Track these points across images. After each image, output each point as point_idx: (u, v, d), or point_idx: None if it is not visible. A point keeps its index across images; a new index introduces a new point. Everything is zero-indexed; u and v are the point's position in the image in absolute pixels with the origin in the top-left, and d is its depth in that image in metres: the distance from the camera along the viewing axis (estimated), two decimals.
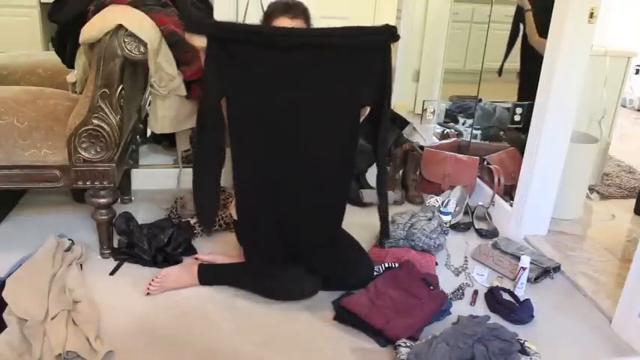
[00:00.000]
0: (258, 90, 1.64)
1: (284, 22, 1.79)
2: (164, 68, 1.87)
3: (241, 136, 1.69)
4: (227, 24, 1.63)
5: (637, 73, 4.79)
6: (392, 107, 3.19)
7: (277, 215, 1.77)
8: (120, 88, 1.82)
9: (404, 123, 3.06)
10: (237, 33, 1.59)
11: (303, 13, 1.84)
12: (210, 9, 2.36)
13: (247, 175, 1.74)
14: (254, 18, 2.25)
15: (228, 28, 1.63)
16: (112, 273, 1.95)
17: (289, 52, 1.59)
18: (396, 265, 1.96)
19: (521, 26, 2.82)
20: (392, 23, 1.65)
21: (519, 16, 2.84)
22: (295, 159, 1.70)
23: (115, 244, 2.07)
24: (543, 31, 2.27)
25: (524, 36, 2.80)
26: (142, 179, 2.58)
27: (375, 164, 2.82)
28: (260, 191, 1.75)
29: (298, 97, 1.65)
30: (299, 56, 1.60)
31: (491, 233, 2.40)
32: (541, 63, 2.21)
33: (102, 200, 1.94)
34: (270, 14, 1.83)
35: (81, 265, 1.95)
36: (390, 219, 2.21)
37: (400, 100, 3.71)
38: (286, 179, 1.73)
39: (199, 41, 1.58)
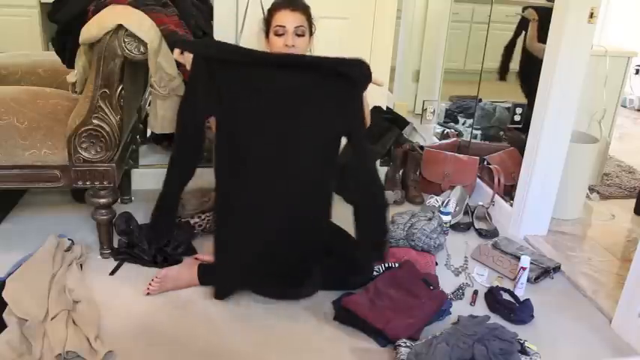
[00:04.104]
0: (243, 112, 1.68)
1: (285, 14, 1.83)
2: (164, 68, 1.87)
3: (226, 152, 1.73)
4: (213, 42, 1.73)
5: (637, 73, 4.79)
6: (392, 107, 3.21)
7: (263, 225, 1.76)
8: (120, 88, 1.82)
9: (404, 123, 3.06)
10: (223, 52, 1.65)
11: (303, 7, 1.88)
12: (210, 9, 2.36)
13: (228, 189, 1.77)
14: (254, 17, 2.25)
15: (214, 46, 1.69)
16: (112, 273, 1.95)
17: (273, 74, 1.64)
18: (396, 265, 1.96)
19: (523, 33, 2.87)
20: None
21: (523, 26, 2.87)
22: (279, 177, 1.72)
23: (115, 244, 2.07)
24: (543, 38, 2.30)
25: (524, 40, 2.83)
26: (142, 179, 2.58)
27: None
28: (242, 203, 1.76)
29: (280, 120, 1.68)
30: (281, 78, 1.64)
31: (491, 233, 2.40)
32: (538, 65, 2.23)
33: (102, 200, 1.94)
34: (272, 9, 1.88)
35: (81, 265, 1.95)
36: (390, 219, 2.21)
37: (400, 100, 3.71)
38: (269, 200, 1.74)
39: (184, 58, 1.68)
